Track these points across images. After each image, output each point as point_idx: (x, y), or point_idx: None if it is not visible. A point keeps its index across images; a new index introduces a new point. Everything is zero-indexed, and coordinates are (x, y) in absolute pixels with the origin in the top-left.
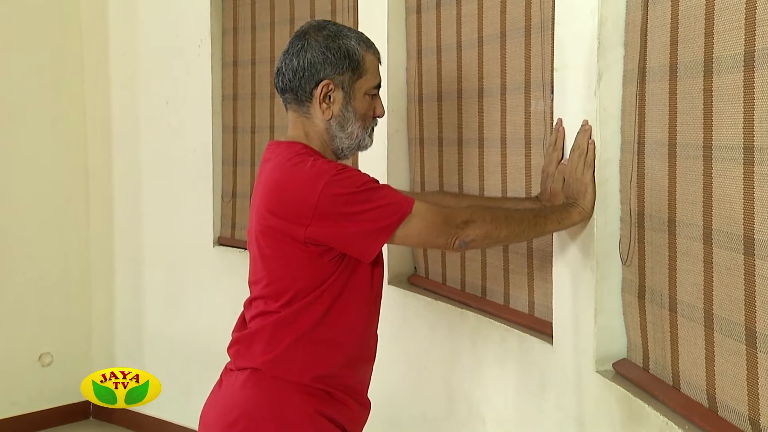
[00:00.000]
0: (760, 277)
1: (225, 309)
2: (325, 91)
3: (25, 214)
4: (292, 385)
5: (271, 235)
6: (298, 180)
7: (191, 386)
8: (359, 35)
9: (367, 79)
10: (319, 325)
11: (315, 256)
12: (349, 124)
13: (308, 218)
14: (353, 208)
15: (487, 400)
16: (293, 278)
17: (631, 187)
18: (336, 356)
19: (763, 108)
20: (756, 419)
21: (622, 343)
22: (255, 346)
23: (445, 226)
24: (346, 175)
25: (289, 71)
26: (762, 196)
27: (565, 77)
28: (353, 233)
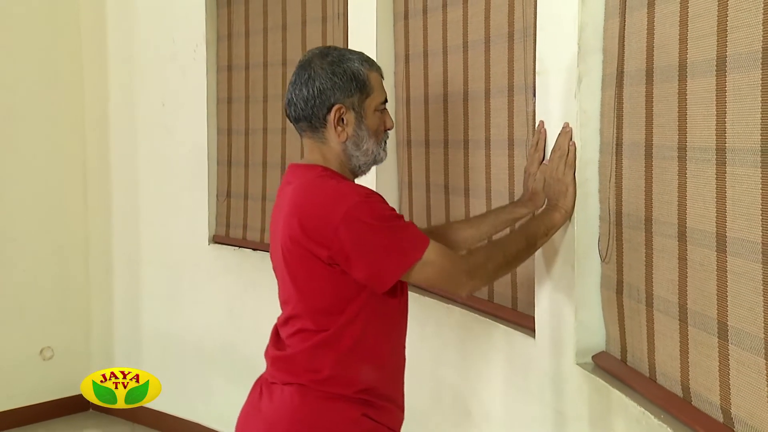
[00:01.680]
0: (731, 273)
1: (220, 305)
2: (338, 115)
3: (26, 213)
4: (338, 396)
5: (297, 254)
6: (322, 201)
7: (187, 380)
8: (361, 56)
9: (375, 97)
10: (359, 343)
11: (338, 274)
12: (364, 142)
13: (330, 239)
14: (375, 238)
15: (473, 392)
16: (321, 296)
17: (610, 186)
18: (376, 371)
19: (734, 111)
20: (727, 408)
21: (601, 336)
22: (298, 365)
23: (453, 271)
24: (371, 202)
25: (301, 101)
26: (733, 195)
27: (546, 81)
28: (370, 263)
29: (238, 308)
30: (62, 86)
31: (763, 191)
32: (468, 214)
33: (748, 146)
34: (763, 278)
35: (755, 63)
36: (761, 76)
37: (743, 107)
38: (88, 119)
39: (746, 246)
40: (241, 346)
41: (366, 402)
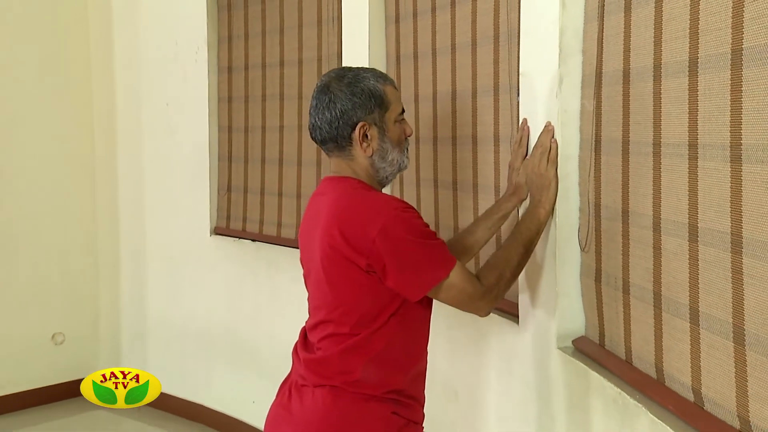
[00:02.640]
0: (703, 262)
1: (220, 293)
2: (362, 132)
3: (39, 210)
4: (369, 397)
5: (337, 262)
6: (362, 212)
7: (189, 364)
8: (374, 72)
9: (393, 109)
10: (388, 347)
11: (376, 282)
12: (388, 154)
13: (368, 248)
14: (408, 251)
15: (460, 375)
16: (358, 302)
17: (589, 180)
18: (403, 374)
19: (705, 109)
20: (698, 389)
21: (581, 322)
22: (330, 367)
23: (475, 295)
24: (407, 217)
25: (325, 124)
26: (704, 188)
27: (530, 81)
28: (403, 274)
29: (238, 296)
30: (72, 89)
31: (732, 184)
32: (456, 206)
33: (718, 142)
34: (732, 266)
35: (724, 64)
36: (730, 76)
37: (713, 106)
38: (96, 119)
39: (716, 236)
40: (240, 332)
41: (395, 401)
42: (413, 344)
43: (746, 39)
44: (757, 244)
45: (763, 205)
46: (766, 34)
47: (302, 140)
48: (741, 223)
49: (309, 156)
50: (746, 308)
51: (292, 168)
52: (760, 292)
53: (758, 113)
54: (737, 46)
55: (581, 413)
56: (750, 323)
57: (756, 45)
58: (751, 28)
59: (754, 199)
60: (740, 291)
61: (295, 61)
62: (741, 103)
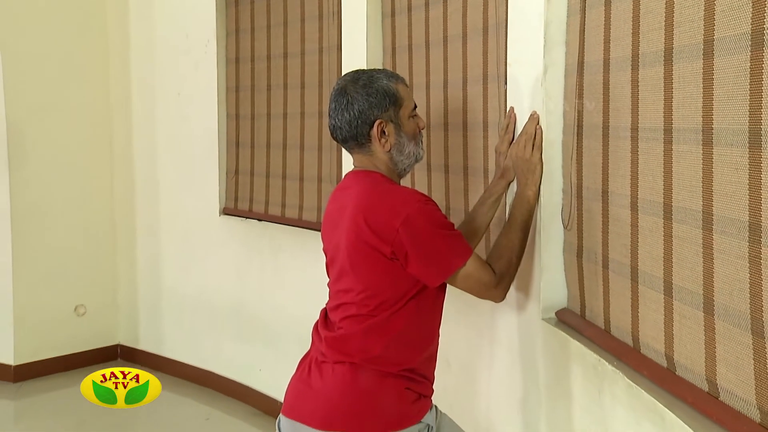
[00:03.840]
0: (676, 238)
1: (228, 269)
2: (380, 129)
3: (62, 191)
4: (386, 373)
5: (362, 250)
6: (387, 203)
7: (200, 333)
8: (386, 72)
9: (407, 106)
10: (406, 329)
11: (398, 269)
12: (405, 147)
13: (392, 237)
14: (429, 241)
15: (452, 345)
16: (381, 287)
17: (572, 163)
18: (419, 354)
19: (679, 96)
20: (671, 355)
21: (563, 295)
22: (350, 346)
23: (490, 284)
24: (428, 209)
25: (345, 124)
26: (678, 169)
27: (516, 71)
28: (424, 262)
29: (245, 271)
30: (91, 80)
31: (704, 166)
32: (448, 187)
33: (691, 126)
34: (703, 242)
35: (697, 54)
36: (702, 65)
37: (686, 93)
38: (114, 108)
39: (689, 214)
40: (247, 305)
41: (408, 378)
42: (428, 326)
43: (717, 30)
44: (726, 221)
45: (732, 185)
46: (735, 26)
47: (304, 126)
48: (711, 202)
49: (311, 141)
50: (716, 281)
51: (295, 152)
52: (728, 266)
53: (728, 100)
54: (709, 38)
55: (563, 379)
56: (719, 295)
57: (726, 36)
58: (722, 20)
59: (723, 180)
60: (710, 265)
61: (298, 53)
62: (712, 90)
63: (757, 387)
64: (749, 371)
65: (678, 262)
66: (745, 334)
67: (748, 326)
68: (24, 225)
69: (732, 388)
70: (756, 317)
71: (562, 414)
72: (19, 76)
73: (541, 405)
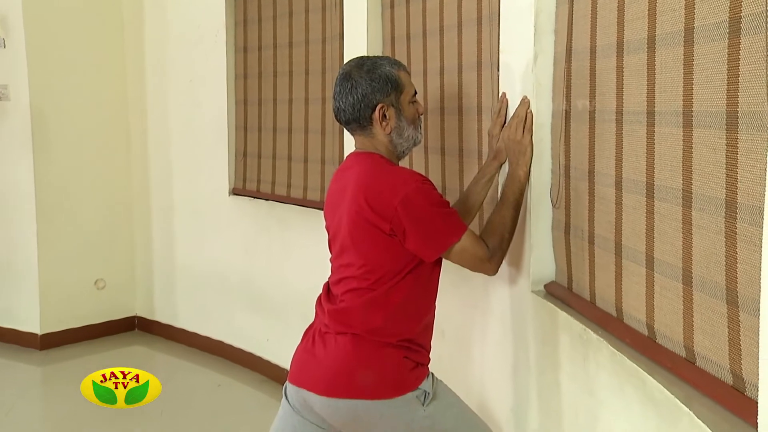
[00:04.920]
0: (657, 215)
1: (238, 245)
2: (381, 113)
3: (83, 173)
4: (385, 343)
5: (363, 227)
6: (386, 183)
7: (212, 306)
8: (389, 60)
9: (407, 92)
10: (404, 301)
11: (397, 244)
12: (405, 131)
13: (391, 215)
14: (426, 219)
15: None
16: (381, 262)
17: (560, 145)
18: (417, 325)
19: (661, 81)
20: (651, 324)
21: (552, 269)
22: (352, 318)
23: (483, 257)
24: (425, 189)
25: (348, 107)
26: (660, 150)
27: (508, 58)
28: (421, 238)
29: (253, 248)
30: (109, 69)
31: (684, 147)
32: (444, 168)
33: (672, 109)
34: (683, 218)
35: (678, 41)
36: (683, 52)
37: (668, 78)
38: (130, 94)
39: (669, 192)
40: (255, 279)
41: (406, 348)
42: (425, 299)
43: (697, 19)
44: (704, 198)
45: (710, 164)
46: (714, 15)
47: (308, 111)
48: (691, 181)
49: (315, 125)
50: (694, 255)
51: (300, 135)
52: (706, 241)
53: (707, 84)
54: (689, 25)
55: (551, 347)
56: (696, 267)
57: (705, 24)
58: (702, 9)
59: (702, 160)
60: (689, 240)
61: (302, 42)
62: (692, 75)
63: (730, 353)
64: (723, 338)
65: (659, 238)
66: (721, 304)
67: (724, 296)
68: (47, 205)
69: (707, 354)
70: (731, 288)
71: (550, 380)
72: (43, 66)
73: (531, 372)
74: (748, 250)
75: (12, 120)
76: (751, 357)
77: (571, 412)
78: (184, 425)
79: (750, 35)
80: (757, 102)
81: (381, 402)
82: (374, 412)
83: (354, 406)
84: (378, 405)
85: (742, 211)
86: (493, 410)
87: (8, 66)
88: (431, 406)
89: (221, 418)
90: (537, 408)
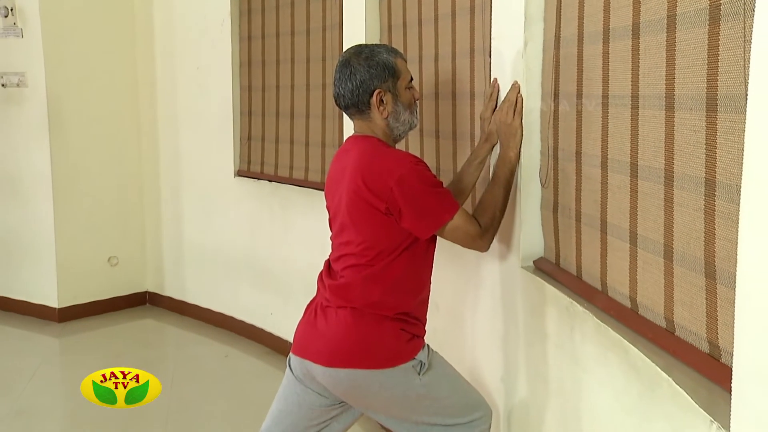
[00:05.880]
0: (641, 194)
1: (243, 224)
2: (379, 98)
3: (96, 156)
4: (383, 316)
5: (360, 206)
6: (382, 164)
7: (219, 282)
8: (387, 48)
9: (404, 78)
10: (401, 277)
11: (393, 223)
12: (401, 115)
13: (387, 195)
14: (420, 198)
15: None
16: (378, 239)
17: (549, 128)
18: (413, 299)
19: (644, 66)
20: (634, 297)
21: (540, 245)
22: (351, 293)
23: (475, 235)
24: (419, 169)
25: (347, 92)
26: (643, 132)
27: (500, 45)
28: (416, 216)
29: (257, 227)
30: (120, 57)
31: (666, 128)
32: (439, 150)
33: (655, 93)
34: (665, 197)
35: (661, 28)
36: (666, 38)
37: (651, 63)
38: (141, 82)
39: (652, 172)
40: (259, 256)
41: (403, 320)
42: (420, 274)
43: (679, 6)
44: (684, 177)
45: (690, 145)
46: (695, 2)
47: (310, 97)
48: (672, 161)
49: (315, 110)
50: (675, 231)
51: (302, 120)
52: (686, 218)
53: (688, 69)
54: (672, 13)
55: (539, 319)
56: (677, 243)
57: (687, 11)
58: None
59: (683, 141)
60: (671, 217)
61: (304, 31)
62: (674, 60)
63: (707, 323)
64: (701, 310)
65: (642, 215)
66: (699, 277)
67: (702, 270)
68: (63, 186)
69: (686, 325)
70: (709, 262)
71: (538, 350)
72: (58, 55)
73: (520, 342)
74: (726, 226)
75: (30, 106)
76: (726, 327)
77: (558, 380)
78: (193, 393)
79: (729, 21)
80: (735, 85)
81: (379, 372)
82: (373, 381)
83: (354, 376)
84: (376, 374)
85: (720, 190)
86: (484, 379)
87: (26, 55)
88: (426, 376)
89: (228, 386)
90: (525, 376)
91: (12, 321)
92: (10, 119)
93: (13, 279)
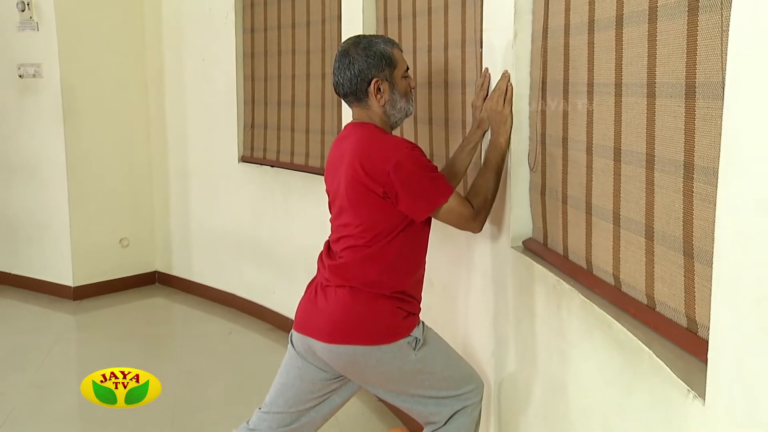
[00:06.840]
0: (624, 177)
1: (246, 208)
2: (376, 87)
3: (108, 142)
4: (380, 295)
5: (358, 190)
6: (380, 150)
7: (224, 262)
8: (384, 38)
9: (400, 67)
10: (397, 257)
11: (390, 206)
12: (397, 103)
13: (384, 179)
14: (416, 182)
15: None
16: (375, 222)
17: (538, 115)
18: (408, 278)
19: (628, 55)
20: (618, 275)
21: (529, 227)
22: (350, 272)
23: (468, 217)
24: (415, 154)
25: (346, 81)
26: (626, 118)
27: (490, 36)
28: (412, 200)
29: (260, 209)
30: (130, 48)
31: (647, 114)
32: (432, 138)
33: (637, 81)
34: (646, 179)
35: (643, 19)
36: (647, 29)
37: (634, 52)
38: (149, 72)
39: (635, 156)
40: (262, 238)
41: (399, 299)
42: (416, 254)
43: None
44: (665, 161)
45: (671, 130)
46: None
47: (310, 86)
48: (654, 145)
49: (315, 99)
50: (656, 212)
51: (302, 108)
52: (666, 199)
53: (668, 58)
54: (653, 4)
55: (528, 297)
56: (658, 223)
57: (667, 3)
58: None
59: (663, 126)
60: (651, 198)
61: (304, 23)
62: (656, 50)
63: (686, 299)
64: (680, 286)
65: (625, 197)
66: (678, 256)
67: (681, 249)
68: (77, 170)
69: (666, 301)
70: (687, 241)
71: (526, 326)
72: (72, 45)
73: (509, 319)
74: (704, 207)
75: (45, 95)
76: (703, 302)
77: (545, 354)
78: (200, 368)
79: (707, 13)
80: (713, 73)
81: (377, 347)
82: (371, 357)
83: (353, 351)
84: (374, 350)
85: (698, 172)
86: (475, 353)
87: (41, 47)
88: (422, 351)
89: (232, 361)
90: (515, 351)
91: (29, 299)
92: (26, 108)
93: (31, 259)
